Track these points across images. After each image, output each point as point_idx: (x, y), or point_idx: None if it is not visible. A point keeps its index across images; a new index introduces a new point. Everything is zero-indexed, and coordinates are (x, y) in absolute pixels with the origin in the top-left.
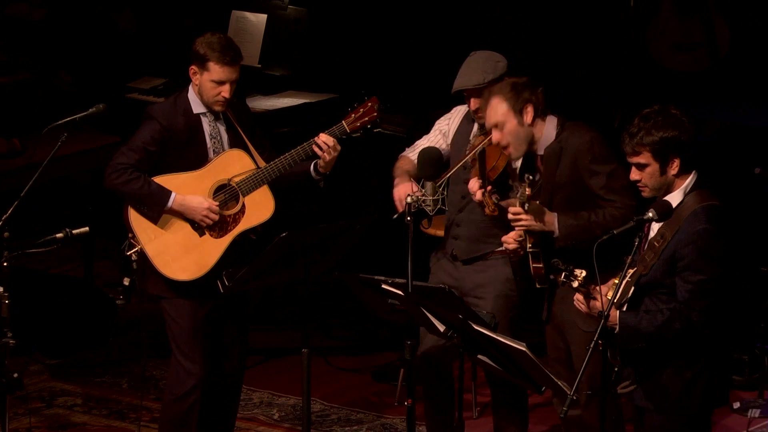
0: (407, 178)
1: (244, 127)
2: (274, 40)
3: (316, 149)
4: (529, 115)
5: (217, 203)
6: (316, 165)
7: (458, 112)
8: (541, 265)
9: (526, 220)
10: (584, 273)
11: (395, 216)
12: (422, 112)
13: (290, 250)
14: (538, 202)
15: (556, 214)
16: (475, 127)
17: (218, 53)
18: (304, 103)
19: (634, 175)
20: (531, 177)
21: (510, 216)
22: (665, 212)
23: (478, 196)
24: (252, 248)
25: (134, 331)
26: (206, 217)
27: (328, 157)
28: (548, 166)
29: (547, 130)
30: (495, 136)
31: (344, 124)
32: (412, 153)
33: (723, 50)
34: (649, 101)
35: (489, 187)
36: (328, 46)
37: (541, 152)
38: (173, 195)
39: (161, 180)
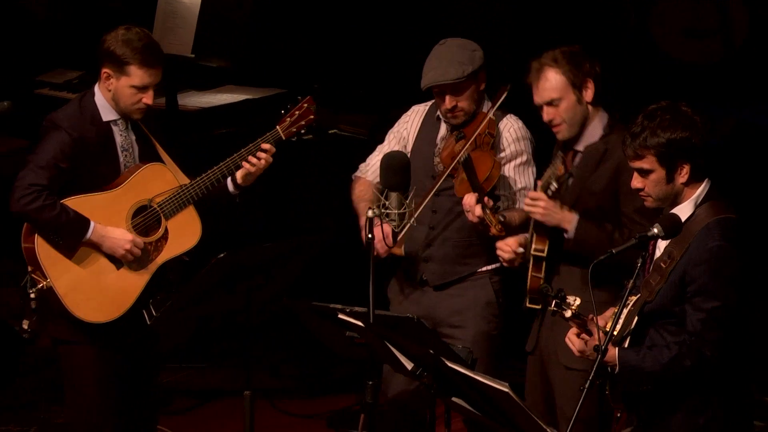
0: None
1: (157, 136)
2: (210, 26)
3: (246, 165)
4: (590, 91)
5: (142, 237)
6: (233, 177)
7: (417, 113)
8: (541, 276)
9: (545, 206)
10: (578, 301)
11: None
12: (386, 110)
13: (229, 274)
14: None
15: (577, 213)
16: (443, 128)
17: (140, 55)
18: (245, 99)
19: (636, 182)
20: (564, 156)
21: (528, 201)
22: (673, 228)
23: (477, 212)
24: (184, 270)
25: (46, 369)
26: (129, 252)
27: (259, 172)
28: (584, 167)
29: (594, 125)
30: (547, 113)
31: (279, 129)
32: (369, 173)
33: (740, 37)
34: (654, 97)
35: (489, 202)
36: (274, 33)
37: (579, 147)
38: (92, 225)
39: (72, 203)
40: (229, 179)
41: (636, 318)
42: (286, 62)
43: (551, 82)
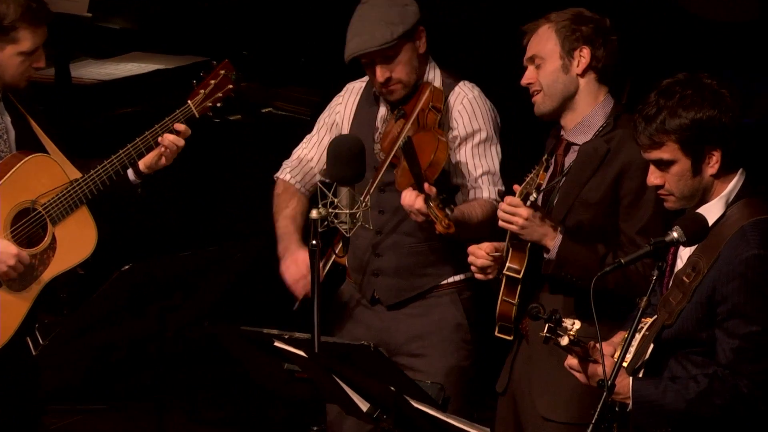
0: (296, 238)
1: (39, 118)
2: None
3: (153, 154)
4: (582, 61)
5: (26, 249)
6: (135, 164)
7: (351, 93)
8: (514, 302)
9: (524, 219)
10: (578, 325)
11: (296, 307)
12: (333, 83)
13: (136, 291)
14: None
15: (561, 230)
16: (382, 109)
17: (29, 12)
18: (155, 70)
19: (654, 178)
20: (549, 160)
21: (503, 208)
22: (697, 231)
23: (418, 206)
24: (78, 287)
25: None
26: (12, 269)
27: (169, 159)
28: (580, 169)
29: (595, 111)
30: (527, 74)
31: (191, 105)
32: (296, 172)
33: None
34: (673, 66)
35: (432, 190)
36: None
37: (573, 138)
38: None
39: None
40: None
41: (652, 345)
42: (206, 23)
43: (538, 37)
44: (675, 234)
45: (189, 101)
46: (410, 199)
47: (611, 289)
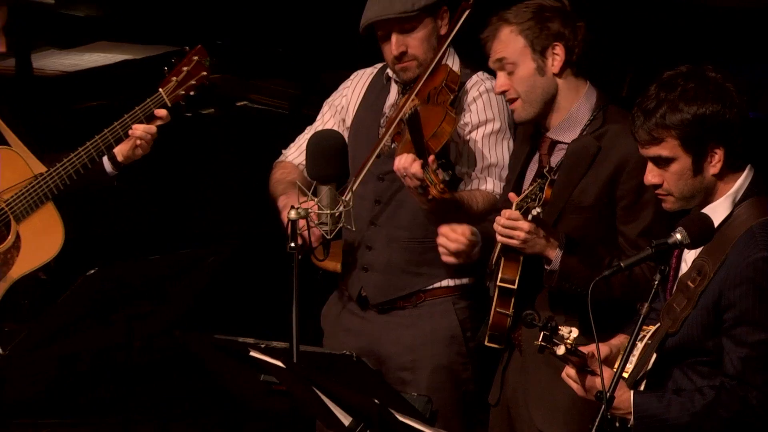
0: (295, 192)
1: (0, 109)
2: None
3: (128, 145)
4: (557, 60)
5: None
6: (111, 154)
7: (360, 78)
8: (508, 313)
9: (525, 233)
10: (575, 333)
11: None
12: (314, 75)
13: (103, 297)
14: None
15: (562, 239)
16: (393, 95)
17: None
18: (123, 61)
19: (652, 176)
20: (552, 175)
21: (502, 222)
22: (701, 232)
23: (414, 170)
24: (41, 292)
25: None
26: None
27: (146, 147)
28: (570, 171)
29: (579, 106)
30: (499, 82)
31: (162, 93)
32: (297, 153)
33: None
34: (676, 57)
35: (432, 158)
36: None
37: (558, 137)
38: None
39: None
40: (105, 157)
41: (654, 355)
42: (178, 10)
43: (503, 42)
44: (678, 236)
45: (160, 89)
46: (406, 161)
47: (617, 297)
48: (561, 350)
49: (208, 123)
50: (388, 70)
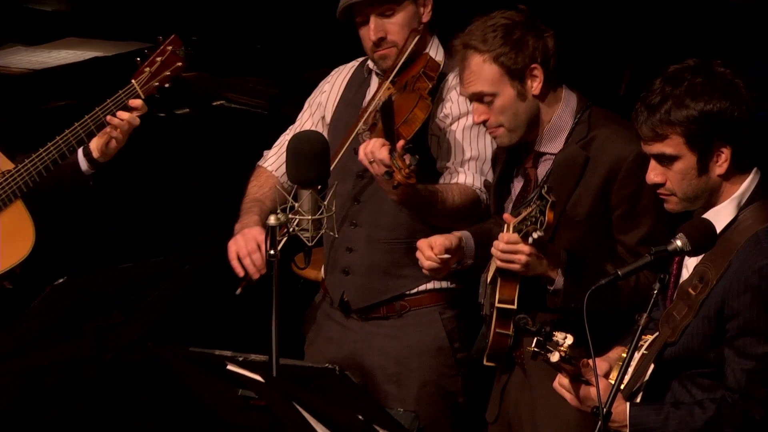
0: (256, 218)
1: None
2: None
3: (102, 139)
4: (536, 82)
5: None
6: (87, 150)
7: (340, 74)
8: (509, 333)
9: (525, 257)
10: (570, 339)
11: (238, 291)
12: (295, 72)
13: (72, 308)
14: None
15: (564, 255)
16: (374, 85)
17: None
18: (93, 58)
19: (654, 175)
20: (551, 196)
21: (501, 247)
22: (703, 238)
23: (381, 155)
24: (6, 301)
25: None
26: None
27: (121, 140)
28: (558, 183)
29: (560, 114)
30: (477, 112)
31: (135, 84)
32: (276, 157)
33: None
34: (683, 52)
35: (401, 143)
36: None
37: (545, 148)
38: None
39: None
40: (80, 153)
41: (652, 366)
42: (150, 5)
43: (477, 73)
44: (679, 242)
45: (133, 80)
46: (373, 145)
47: (626, 310)
48: (555, 357)
49: (182, 124)
50: (369, 62)
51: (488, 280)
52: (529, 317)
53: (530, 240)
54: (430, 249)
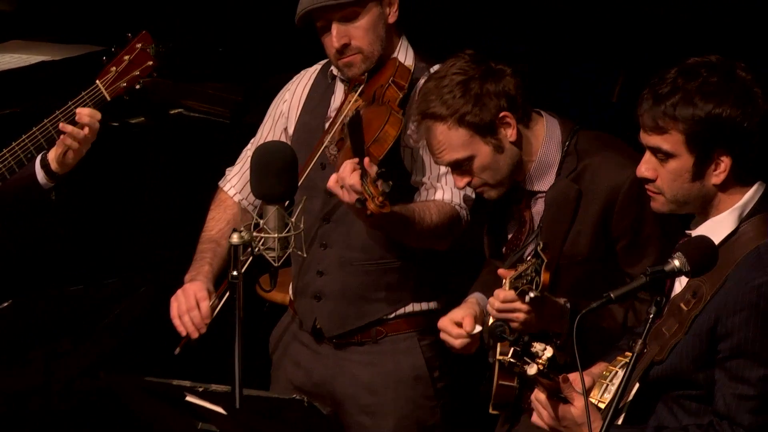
0: (206, 269)
1: None
2: None
3: (59, 149)
4: (510, 129)
5: None
6: (45, 162)
7: (302, 79)
8: (514, 384)
9: (523, 315)
10: (549, 352)
11: (177, 351)
12: (260, 78)
13: (17, 334)
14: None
15: (566, 307)
16: (340, 92)
17: None
18: (39, 62)
19: (646, 168)
20: (546, 255)
21: (497, 306)
22: (704, 259)
23: (351, 180)
24: None
25: None
26: None
27: (77, 145)
28: (552, 222)
29: (546, 148)
30: (458, 179)
31: (99, 85)
32: (238, 178)
33: None
34: (676, 57)
35: (372, 168)
36: None
37: (532, 187)
38: None
39: None
40: (38, 165)
41: (637, 384)
42: (102, 5)
43: (444, 143)
44: (676, 262)
45: (97, 81)
46: (344, 171)
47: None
48: (533, 370)
49: (137, 134)
50: (332, 67)
51: (487, 333)
52: (507, 326)
53: (527, 299)
54: (457, 327)
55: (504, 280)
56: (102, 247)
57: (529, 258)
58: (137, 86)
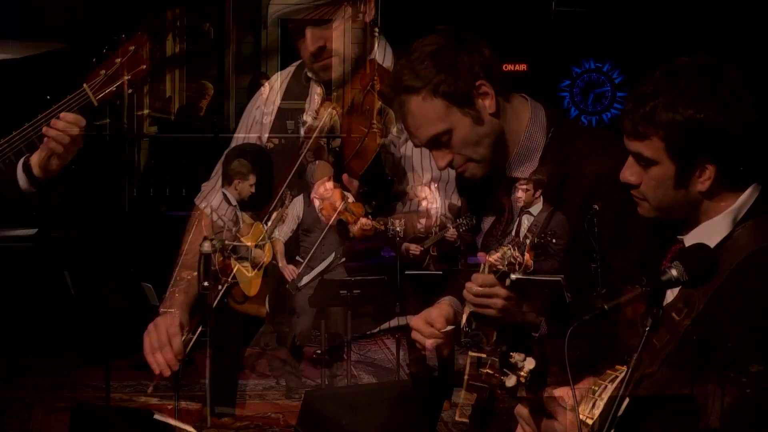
0: (181, 299)
1: None
2: None
3: (43, 153)
4: (488, 99)
5: None
6: (27, 166)
7: (276, 79)
8: (485, 386)
9: (501, 301)
10: (531, 363)
11: (150, 390)
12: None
13: None
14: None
15: (547, 297)
16: (315, 95)
17: None
18: (3, 60)
19: (630, 173)
20: (530, 234)
21: (474, 291)
22: (703, 269)
23: (333, 203)
24: None
25: None
26: None
27: (61, 149)
28: (540, 212)
29: (530, 131)
30: (438, 157)
31: (86, 89)
32: (212, 197)
33: None
34: (677, 49)
35: (354, 185)
36: None
37: (514, 173)
38: None
39: None
40: (19, 170)
41: (626, 400)
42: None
43: (420, 117)
44: (674, 272)
45: (85, 84)
46: (323, 190)
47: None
48: (512, 382)
49: (102, 143)
50: (307, 69)
51: (463, 325)
52: (483, 334)
53: (507, 282)
54: (429, 326)
55: (482, 265)
56: (67, 256)
57: (510, 243)
58: (129, 90)
